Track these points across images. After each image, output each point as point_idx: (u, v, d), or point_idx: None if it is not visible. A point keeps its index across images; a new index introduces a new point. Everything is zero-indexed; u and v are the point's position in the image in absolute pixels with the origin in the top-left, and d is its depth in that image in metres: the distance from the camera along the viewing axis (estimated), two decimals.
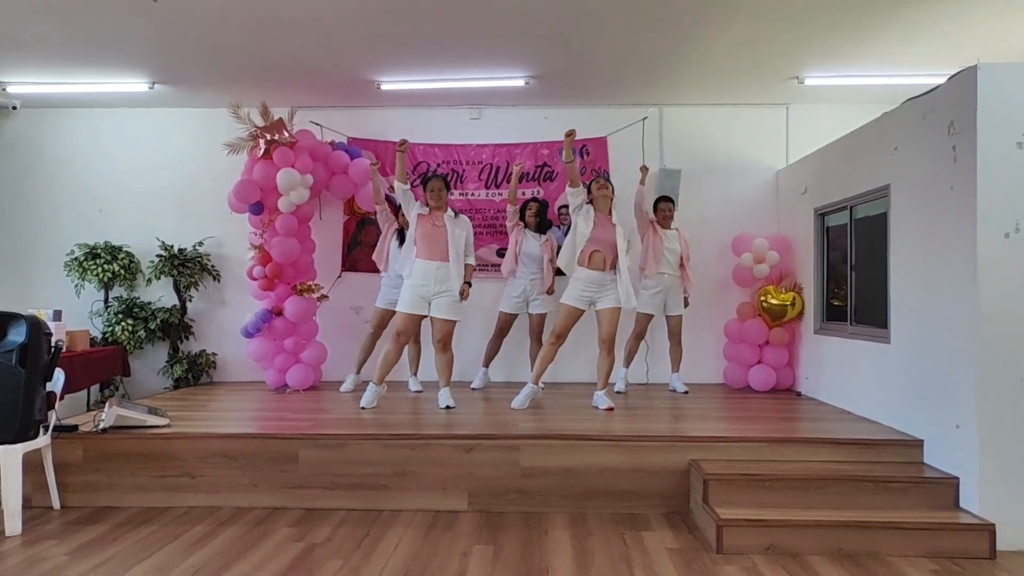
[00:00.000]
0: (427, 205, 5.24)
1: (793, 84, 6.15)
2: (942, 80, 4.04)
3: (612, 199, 5.17)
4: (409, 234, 5.25)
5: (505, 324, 6.21)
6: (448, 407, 5.14)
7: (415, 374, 6.30)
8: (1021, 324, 3.65)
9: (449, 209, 5.29)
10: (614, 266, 5.09)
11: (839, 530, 3.60)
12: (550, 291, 6.03)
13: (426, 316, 5.19)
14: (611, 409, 5.09)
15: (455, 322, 5.19)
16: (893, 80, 5.87)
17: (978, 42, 5.13)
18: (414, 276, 5.12)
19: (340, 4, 4.62)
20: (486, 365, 6.35)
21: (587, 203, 5.14)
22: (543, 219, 6.17)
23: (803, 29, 5.03)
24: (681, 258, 6.03)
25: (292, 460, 4.32)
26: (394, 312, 5.84)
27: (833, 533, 3.60)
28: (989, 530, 3.54)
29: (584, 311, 5.15)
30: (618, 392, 6.06)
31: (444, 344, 5.19)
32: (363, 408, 5.11)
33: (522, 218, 6.16)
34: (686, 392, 6.06)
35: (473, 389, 6.23)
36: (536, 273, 6.05)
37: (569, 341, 5.24)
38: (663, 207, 6.09)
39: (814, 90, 6.26)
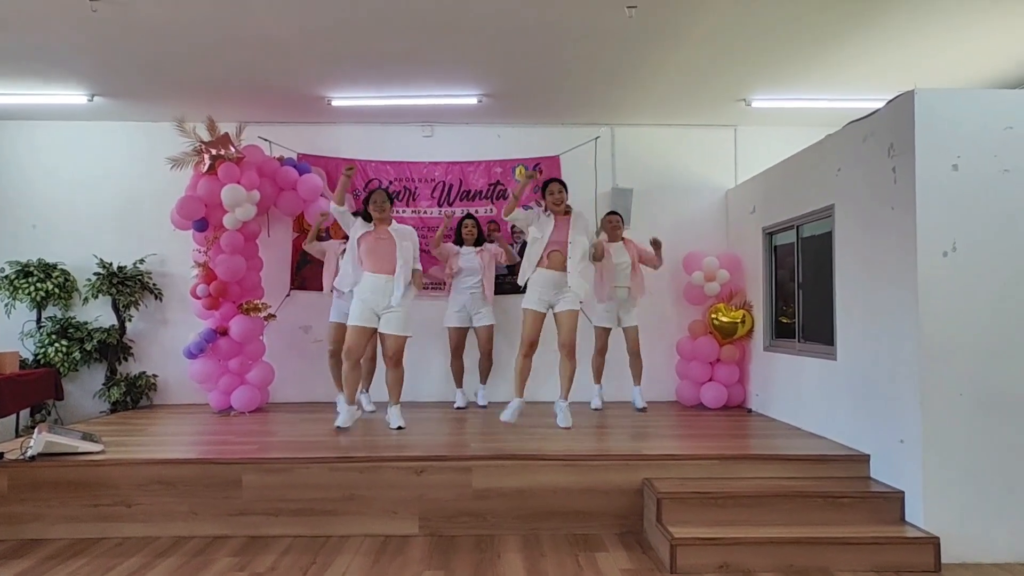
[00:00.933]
0: (368, 220, 5.13)
1: (741, 106, 6.29)
2: (882, 103, 4.17)
3: (565, 202, 5.10)
4: (351, 252, 5.13)
5: (456, 340, 6.16)
6: (400, 428, 5.02)
7: (367, 391, 6.14)
8: (961, 340, 3.75)
9: (393, 221, 5.19)
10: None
11: (790, 547, 3.62)
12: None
13: (376, 330, 5.06)
14: (568, 428, 5.03)
15: (406, 338, 5.09)
16: (836, 104, 6.06)
17: (916, 67, 5.32)
18: (363, 290, 4.99)
19: (290, 20, 4.54)
20: (460, 385, 6.26)
21: (543, 213, 5.14)
22: (480, 236, 6.16)
23: (750, 53, 5.15)
24: (634, 265, 6.01)
25: (235, 486, 4.15)
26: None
27: (784, 550, 3.61)
28: (934, 543, 3.60)
29: (545, 314, 5.08)
30: (595, 409, 6.08)
31: (396, 360, 5.08)
32: (338, 428, 4.98)
33: (459, 237, 6.14)
34: (643, 410, 6.03)
35: (458, 408, 6.17)
36: (476, 286, 6.03)
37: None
38: (610, 219, 6.14)
39: (761, 112, 6.41)
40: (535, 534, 4.13)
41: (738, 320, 6.14)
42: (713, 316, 6.24)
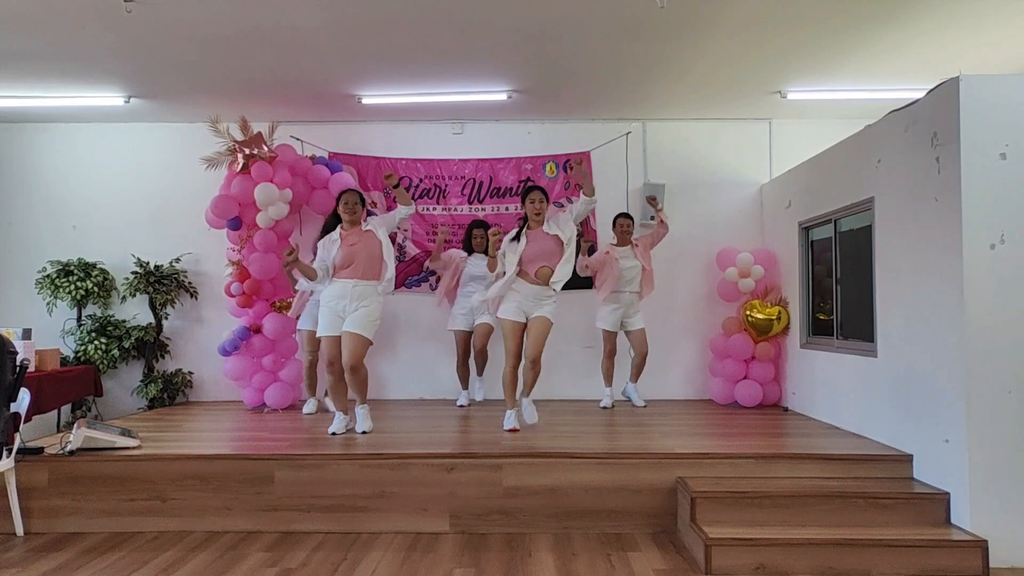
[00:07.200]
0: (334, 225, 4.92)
1: (775, 98, 6.15)
2: (922, 94, 4.03)
3: (543, 212, 4.87)
4: (322, 262, 4.85)
5: (462, 343, 6.17)
6: (364, 432, 4.80)
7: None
8: (1008, 335, 3.61)
9: (362, 222, 4.94)
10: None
11: (829, 548, 3.52)
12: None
13: None
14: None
15: (367, 341, 4.74)
16: (874, 95, 5.90)
17: (957, 57, 5.14)
18: (329, 295, 4.80)
19: (320, 18, 4.56)
20: (465, 387, 6.27)
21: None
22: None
23: (785, 44, 5.03)
24: (644, 269, 5.97)
25: (267, 481, 4.18)
26: None
27: (823, 551, 3.51)
28: (981, 546, 3.47)
29: (524, 324, 4.85)
30: (603, 408, 6.00)
31: (353, 364, 4.68)
32: (333, 434, 4.84)
33: (468, 244, 6.13)
34: (644, 406, 6.02)
35: (460, 406, 6.17)
36: (484, 291, 5.95)
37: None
38: (621, 222, 6.07)
39: (796, 105, 6.26)
40: (566, 533, 4.09)
41: (773, 317, 6.01)
42: (748, 313, 6.12)
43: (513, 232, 5.00)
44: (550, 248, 4.83)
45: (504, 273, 4.92)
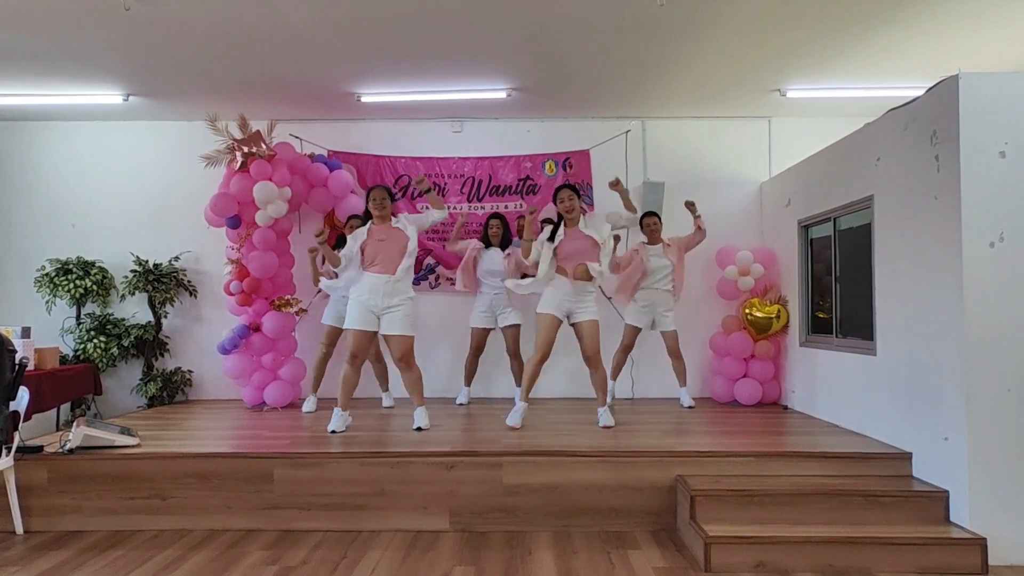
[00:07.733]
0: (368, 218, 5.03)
1: (775, 97, 6.15)
2: (922, 92, 4.03)
3: (579, 211, 4.97)
4: (350, 255, 4.94)
5: (479, 340, 6.13)
6: (419, 428, 4.89)
7: (387, 390, 6.23)
8: (1007, 334, 3.61)
9: (392, 217, 5.00)
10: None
11: (829, 546, 3.53)
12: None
13: (377, 332, 4.92)
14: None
15: (412, 337, 4.92)
16: (874, 92, 5.89)
17: (957, 55, 5.14)
18: (360, 289, 4.85)
19: (319, 16, 4.55)
20: (468, 384, 6.26)
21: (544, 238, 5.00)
22: (506, 235, 6.10)
23: (784, 42, 5.03)
24: (677, 268, 5.93)
25: (267, 480, 4.18)
26: (342, 328, 5.65)
27: (823, 549, 3.52)
28: (980, 544, 3.48)
29: (561, 322, 4.94)
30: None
31: (407, 362, 4.90)
32: (333, 432, 4.84)
33: (485, 237, 6.11)
34: (691, 407, 5.94)
35: (459, 404, 6.15)
36: (500, 287, 5.94)
37: (553, 357, 5.10)
38: (648, 222, 6.03)
39: (796, 103, 6.26)
40: (566, 531, 4.09)
41: (773, 315, 6.02)
42: (747, 311, 6.12)
43: (547, 231, 5.02)
44: (586, 247, 4.90)
45: (537, 268, 4.97)
